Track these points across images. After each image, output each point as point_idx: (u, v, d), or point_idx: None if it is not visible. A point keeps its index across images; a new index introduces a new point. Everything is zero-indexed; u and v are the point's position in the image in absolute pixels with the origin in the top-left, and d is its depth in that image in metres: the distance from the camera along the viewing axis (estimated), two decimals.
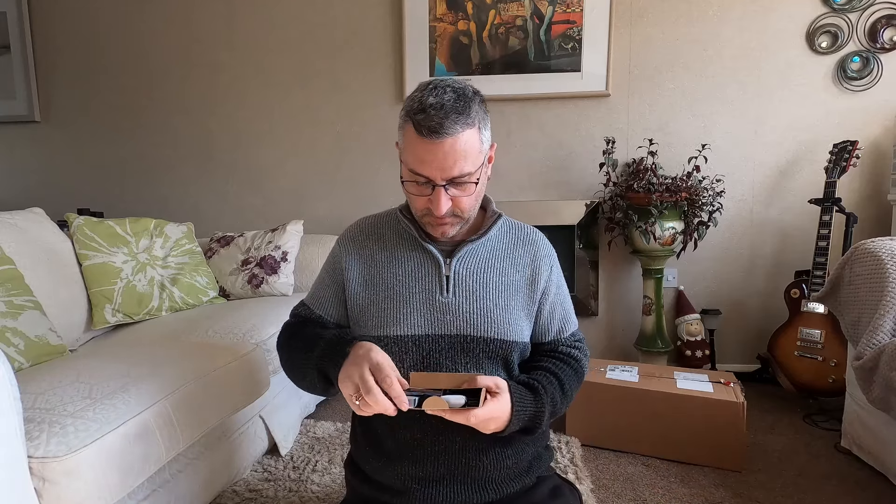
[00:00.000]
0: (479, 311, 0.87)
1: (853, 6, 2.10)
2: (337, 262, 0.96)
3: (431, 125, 0.77)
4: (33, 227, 1.61)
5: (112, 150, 2.63)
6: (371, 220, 0.99)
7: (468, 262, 0.90)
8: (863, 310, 1.41)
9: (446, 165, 0.80)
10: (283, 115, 2.51)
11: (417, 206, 0.87)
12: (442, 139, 0.78)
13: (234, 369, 1.33)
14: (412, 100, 0.81)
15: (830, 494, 1.41)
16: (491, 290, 0.89)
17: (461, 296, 0.88)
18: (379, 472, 0.90)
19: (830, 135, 2.16)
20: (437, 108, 0.77)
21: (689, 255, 2.25)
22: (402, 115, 0.84)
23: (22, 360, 1.23)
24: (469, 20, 2.32)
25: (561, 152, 2.36)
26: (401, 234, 0.94)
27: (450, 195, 0.83)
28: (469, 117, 0.80)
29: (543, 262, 0.94)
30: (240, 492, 1.41)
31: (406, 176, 0.84)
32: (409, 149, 0.82)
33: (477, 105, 0.82)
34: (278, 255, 2.03)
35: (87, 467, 0.88)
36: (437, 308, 0.87)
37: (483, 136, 0.84)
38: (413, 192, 0.85)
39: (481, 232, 0.92)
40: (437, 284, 0.89)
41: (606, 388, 1.65)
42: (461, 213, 0.86)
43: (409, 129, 0.81)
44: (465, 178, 0.82)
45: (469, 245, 0.91)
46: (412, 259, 0.91)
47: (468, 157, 0.81)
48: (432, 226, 0.87)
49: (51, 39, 2.60)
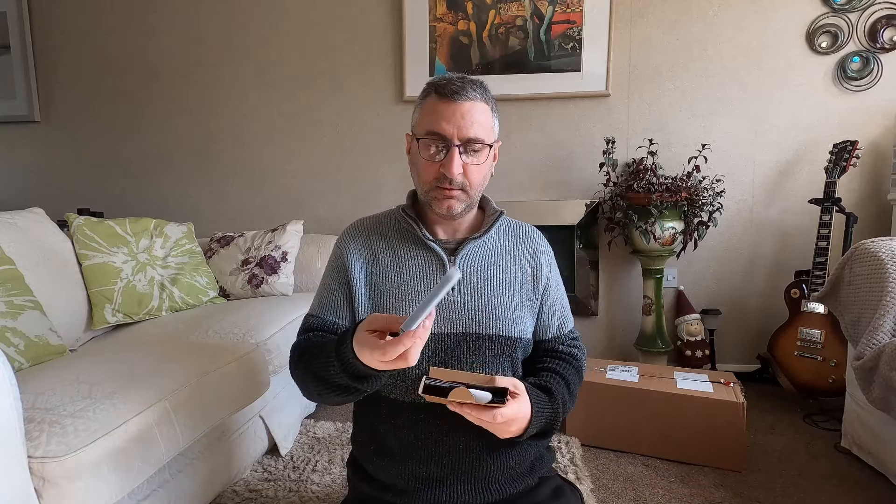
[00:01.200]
0: (485, 308, 0.88)
1: (853, 6, 2.10)
2: (340, 262, 0.94)
3: (454, 87, 0.84)
4: (33, 227, 1.61)
5: (112, 150, 2.63)
6: (370, 220, 0.99)
7: (472, 260, 0.91)
8: (863, 310, 1.41)
9: (464, 124, 0.83)
10: (284, 114, 2.51)
11: (427, 177, 0.87)
12: (462, 101, 0.84)
13: (234, 369, 1.33)
14: (432, 79, 0.89)
15: (830, 494, 1.41)
16: (496, 286, 0.90)
17: (467, 294, 0.89)
18: (382, 472, 0.90)
19: (830, 135, 2.16)
20: (459, 79, 0.86)
21: (689, 255, 2.25)
22: (420, 96, 0.90)
23: (22, 360, 1.23)
24: (469, 20, 2.32)
25: (561, 152, 2.36)
26: (403, 233, 0.94)
27: (462, 161, 0.85)
28: (486, 94, 0.87)
29: (543, 258, 0.96)
30: (240, 492, 1.41)
31: (422, 136, 0.86)
32: (429, 111, 0.86)
33: (490, 96, 0.89)
34: (278, 255, 2.03)
35: (87, 467, 0.88)
36: (444, 306, 0.88)
37: (495, 121, 0.89)
38: (426, 156, 0.86)
39: (483, 230, 0.93)
40: None
41: (606, 388, 1.65)
42: (469, 188, 0.87)
43: (430, 97, 0.87)
44: (479, 144, 0.85)
45: (472, 243, 0.91)
46: (416, 257, 0.91)
47: (483, 126, 0.85)
48: (439, 200, 0.87)
49: (51, 39, 2.60)
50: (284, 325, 1.65)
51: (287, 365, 1.60)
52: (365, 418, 0.94)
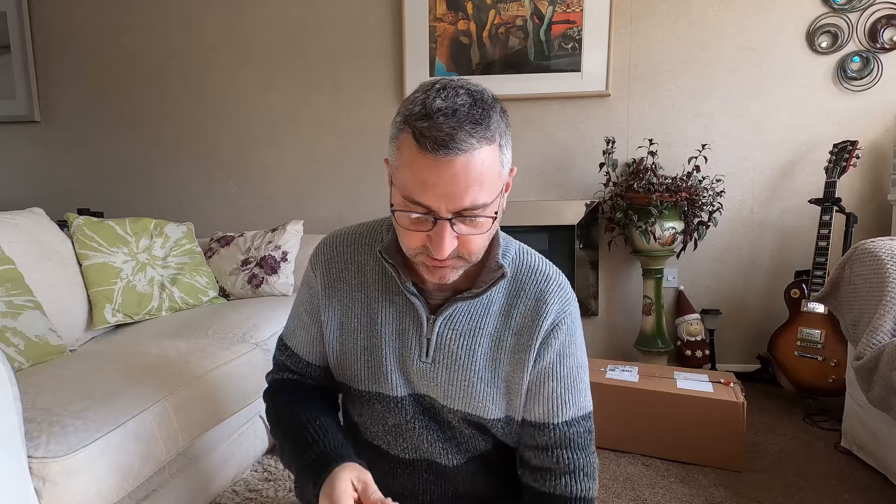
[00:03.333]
0: (461, 384, 0.74)
1: (853, 6, 2.10)
2: (314, 300, 0.82)
3: (439, 136, 0.58)
4: (33, 227, 1.61)
5: (112, 150, 2.63)
6: (350, 241, 0.81)
7: (456, 324, 0.74)
8: (863, 310, 1.41)
9: (455, 192, 0.59)
10: (284, 114, 2.51)
11: (411, 245, 0.66)
12: (452, 156, 0.58)
13: (234, 369, 1.33)
14: (412, 102, 0.61)
15: (830, 494, 1.41)
16: (479, 359, 0.74)
17: (441, 364, 0.74)
18: None
19: (830, 135, 2.16)
20: (448, 115, 0.58)
21: (689, 255, 2.25)
22: (396, 122, 0.64)
23: (22, 360, 1.23)
24: (469, 20, 2.32)
25: (561, 152, 2.36)
26: (382, 271, 0.77)
27: (456, 233, 0.63)
28: (489, 129, 0.60)
29: (543, 317, 0.73)
30: (240, 492, 1.41)
31: (399, 205, 0.63)
32: (406, 168, 0.61)
33: (498, 115, 0.62)
34: (278, 255, 2.03)
35: (87, 467, 0.88)
36: (416, 371, 0.75)
37: (504, 158, 0.64)
38: (408, 226, 0.64)
39: (479, 288, 0.73)
40: (417, 345, 0.75)
41: (606, 388, 1.65)
42: (467, 256, 0.66)
43: (407, 142, 0.61)
44: (477, 212, 0.62)
45: (460, 304, 0.73)
46: (392, 308, 0.76)
47: (484, 184, 0.61)
48: (428, 269, 0.67)
49: (51, 39, 2.60)
50: (284, 326, 1.65)
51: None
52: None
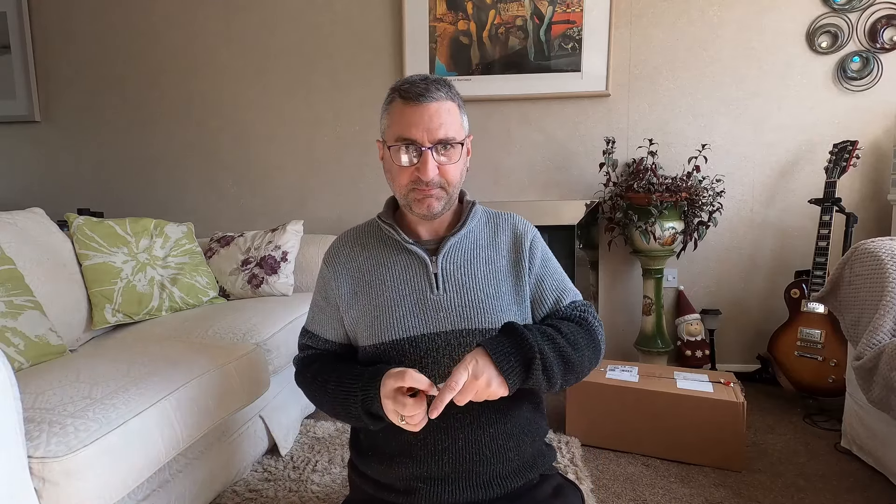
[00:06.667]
0: (471, 303, 0.89)
1: (853, 6, 2.10)
2: (328, 285, 0.96)
3: (417, 90, 0.83)
4: (33, 227, 1.61)
5: (112, 150, 2.63)
6: (353, 233, 1.00)
7: (454, 257, 0.92)
8: (863, 310, 1.41)
9: (433, 126, 0.84)
10: (284, 114, 2.51)
11: (403, 181, 0.87)
12: (428, 102, 0.83)
13: (234, 369, 1.32)
14: (395, 84, 0.88)
15: (830, 494, 1.41)
16: (480, 280, 0.91)
17: (452, 291, 0.89)
18: (383, 474, 0.90)
19: (830, 135, 2.16)
20: (422, 80, 0.85)
21: (689, 255, 2.25)
22: (385, 101, 0.89)
23: (22, 360, 1.23)
24: (469, 20, 2.32)
25: (561, 152, 2.36)
26: (384, 240, 0.95)
27: (436, 161, 0.85)
28: (451, 91, 0.87)
29: (524, 239, 0.95)
30: (240, 492, 1.41)
31: (393, 143, 0.86)
32: (396, 117, 0.86)
33: (455, 90, 0.89)
34: (278, 255, 2.02)
35: (87, 467, 0.88)
36: (430, 307, 0.88)
37: (463, 117, 0.90)
38: (400, 161, 0.86)
39: (461, 224, 0.93)
40: (427, 283, 0.90)
41: (606, 388, 1.65)
42: (447, 185, 0.87)
43: (395, 102, 0.87)
44: (451, 143, 0.85)
45: (451, 239, 0.92)
46: (399, 262, 0.92)
47: (452, 125, 0.86)
48: (418, 201, 0.87)
49: (51, 39, 2.60)
50: (284, 325, 1.65)
51: (286, 366, 1.62)
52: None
